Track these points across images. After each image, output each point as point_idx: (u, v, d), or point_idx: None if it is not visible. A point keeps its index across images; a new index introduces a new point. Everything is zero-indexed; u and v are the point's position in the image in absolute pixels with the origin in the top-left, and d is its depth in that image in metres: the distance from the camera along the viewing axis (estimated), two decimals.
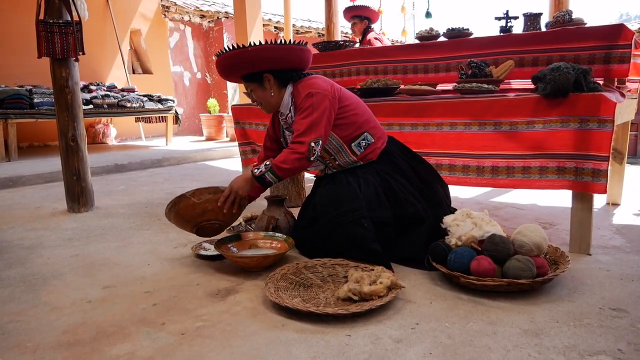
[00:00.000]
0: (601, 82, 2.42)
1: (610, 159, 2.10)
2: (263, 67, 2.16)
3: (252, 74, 2.20)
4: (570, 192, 2.24)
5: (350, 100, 2.26)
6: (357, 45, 4.34)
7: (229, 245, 2.24)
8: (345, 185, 2.13)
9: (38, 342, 1.53)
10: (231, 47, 2.13)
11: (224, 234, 2.38)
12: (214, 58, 2.34)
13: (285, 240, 2.25)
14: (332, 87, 2.20)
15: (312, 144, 2.07)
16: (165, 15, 9.28)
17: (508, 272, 1.79)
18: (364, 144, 2.24)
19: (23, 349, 1.49)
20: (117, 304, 1.81)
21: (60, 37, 3.13)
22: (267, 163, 2.10)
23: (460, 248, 1.92)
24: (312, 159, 2.10)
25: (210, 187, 2.22)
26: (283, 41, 2.14)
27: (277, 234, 2.32)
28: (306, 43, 2.25)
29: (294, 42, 2.17)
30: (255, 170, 2.12)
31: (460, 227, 2.01)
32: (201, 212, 2.16)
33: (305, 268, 2.01)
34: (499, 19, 3.13)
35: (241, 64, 2.15)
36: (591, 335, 1.48)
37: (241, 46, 2.10)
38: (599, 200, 3.14)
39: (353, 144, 2.22)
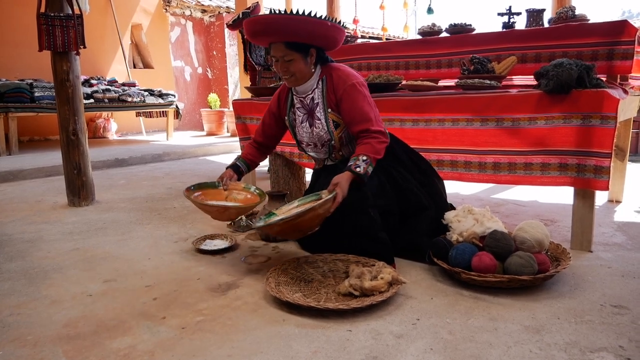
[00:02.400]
0: (604, 79, 2.41)
1: (612, 156, 2.09)
2: (317, 42, 2.12)
3: (302, 44, 2.10)
4: (572, 189, 2.24)
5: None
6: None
7: (197, 194, 2.21)
8: None
9: (38, 336, 1.53)
10: (302, 13, 2.02)
11: (200, 180, 2.40)
12: (267, 14, 2.12)
13: (260, 195, 2.26)
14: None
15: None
16: (166, 9, 9.25)
17: (509, 269, 1.78)
18: None
19: (23, 342, 1.49)
20: (118, 297, 1.81)
21: (62, 30, 3.12)
22: (364, 159, 2.02)
23: (461, 244, 1.91)
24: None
25: (318, 199, 1.99)
26: (333, 19, 2.10)
27: (254, 187, 2.34)
28: (344, 24, 2.27)
29: (337, 21, 2.14)
30: (358, 169, 2.00)
31: (461, 223, 2.00)
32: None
33: (306, 263, 2.01)
34: (501, 14, 3.12)
35: (308, 31, 2.03)
36: (592, 332, 1.48)
37: (321, 17, 2.03)
38: (600, 198, 3.13)
39: None
